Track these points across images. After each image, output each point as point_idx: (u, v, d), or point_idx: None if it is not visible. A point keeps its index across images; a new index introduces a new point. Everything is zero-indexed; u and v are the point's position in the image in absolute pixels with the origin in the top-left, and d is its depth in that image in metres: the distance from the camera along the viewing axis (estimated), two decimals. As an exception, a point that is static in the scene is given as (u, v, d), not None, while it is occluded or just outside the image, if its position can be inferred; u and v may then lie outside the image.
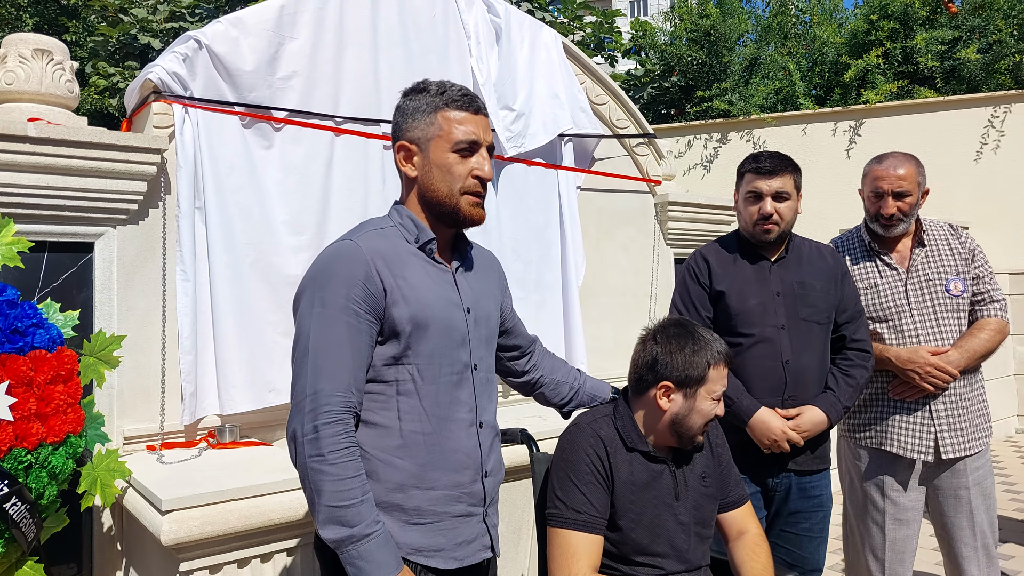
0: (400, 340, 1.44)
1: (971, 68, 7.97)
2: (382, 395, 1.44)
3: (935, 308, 2.38)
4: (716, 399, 1.76)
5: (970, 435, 2.34)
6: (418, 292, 1.46)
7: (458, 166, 1.49)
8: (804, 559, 2.23)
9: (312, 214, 3.03)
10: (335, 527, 1.32)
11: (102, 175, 2.51)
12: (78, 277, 2.54)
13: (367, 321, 1.41)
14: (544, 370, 1.92)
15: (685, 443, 1.78)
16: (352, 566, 1.32)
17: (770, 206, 2.20)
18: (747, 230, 2.28)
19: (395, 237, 1.51)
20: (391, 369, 1.44)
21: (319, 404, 1.34)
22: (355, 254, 1.43)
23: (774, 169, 2.20)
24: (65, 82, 2.58)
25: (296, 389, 1.39)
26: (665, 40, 9.23)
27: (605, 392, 1.98)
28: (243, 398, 2.77)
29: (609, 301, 4.29)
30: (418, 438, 1.44)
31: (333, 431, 1.34)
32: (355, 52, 3.21)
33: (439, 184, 1.50)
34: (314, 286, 1.42)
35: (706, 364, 1.73)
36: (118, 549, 2.51)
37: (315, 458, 1.32)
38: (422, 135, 1.51)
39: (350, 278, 1.40)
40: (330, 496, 1.31)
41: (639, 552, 1.74)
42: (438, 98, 1.50)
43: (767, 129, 7.97)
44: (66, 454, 2.01)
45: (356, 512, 1.32)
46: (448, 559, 1.46)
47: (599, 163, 4.26)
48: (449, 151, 1.49)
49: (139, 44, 7.07)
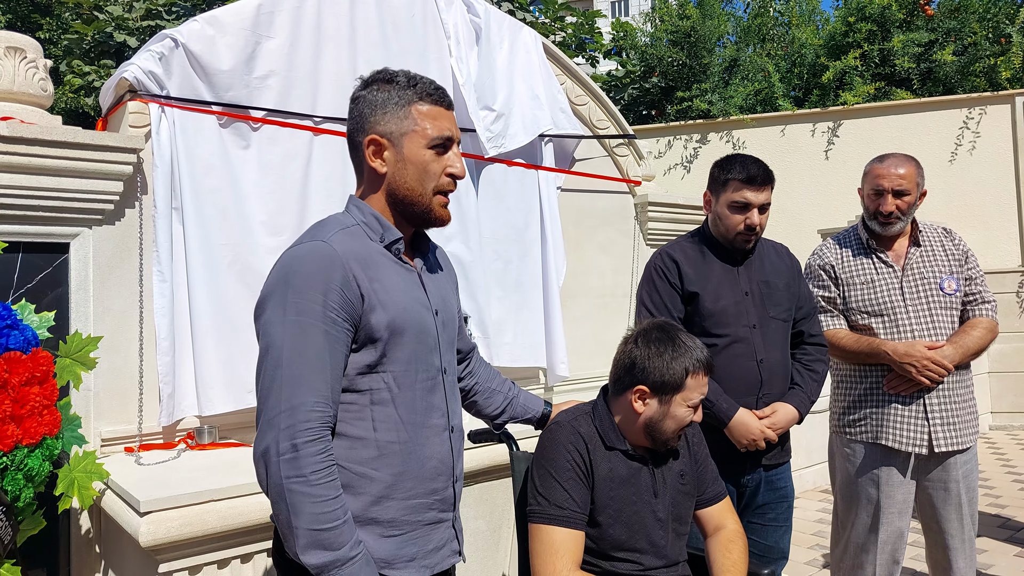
0: (376, 347, 1.36)
1: (947, 70, 8.10)
2: (355, 405, 1.36)
3: (929, 305, 2.44)
4: (692, 406, 1.76)
5: (961, 430, 2.39)
6: (394, 296, 1.38)
7: (433, 164, 1.42)
8: (771, 548, 2.28)
9: (290, 215, 3.02)
10: (319, 552, 1.23)
11: (77, 175, 2.49)
12: (53, 278, 2.52)
13: (344, 330, 1.32)
14: (479, 378, 1.85)
15: (658, 446, 1.79)
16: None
17: (757, 218, 2.22)
18: (727, 237, 2.29)
19: (361, 236, 1.41)
20: (365, 378, 1.36)
21: (298, 420, 1.24)
22: (331, 256, 1.32)
23: (764, 181, 2.21)
24: (38, 80, 2.55)
25: (268, 403, 1.27)
26: (646, 41, 9.29)
27: (538, 407, 1.93)
28: (221, 399, 2.76)
29: (589, 301, 4.31)
30: (394, 447, 1.38)
31: (314, 450, 1.24)
32: (333, 52, 3.21)
33: (413, 182, 1.42)
34: (285, 291, 1.30)
35: (684, 372, 1.73)
36: (96, 552, 2.49)
37: (295, 479, 1.23)
38: (395, 129, 1.41)
39: (326, 283, 1.30)
40: (311, 519, 1.23)
41: (618, 548, 1.75)
42: (411, 90, 1.42)
43: (746, 130, 8.04)
44: (42, 456, 1.99)
45: (339, 534, 1.25)
46: (420, 568, 1.41)
47: (579, 164, 4.28)
48: (425, 147, 1.41)
49: (115, 42, 7.00)
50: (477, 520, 2.72)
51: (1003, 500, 4.75)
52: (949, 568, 2.44)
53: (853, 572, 2.52)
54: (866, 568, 2.48)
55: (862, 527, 2.48)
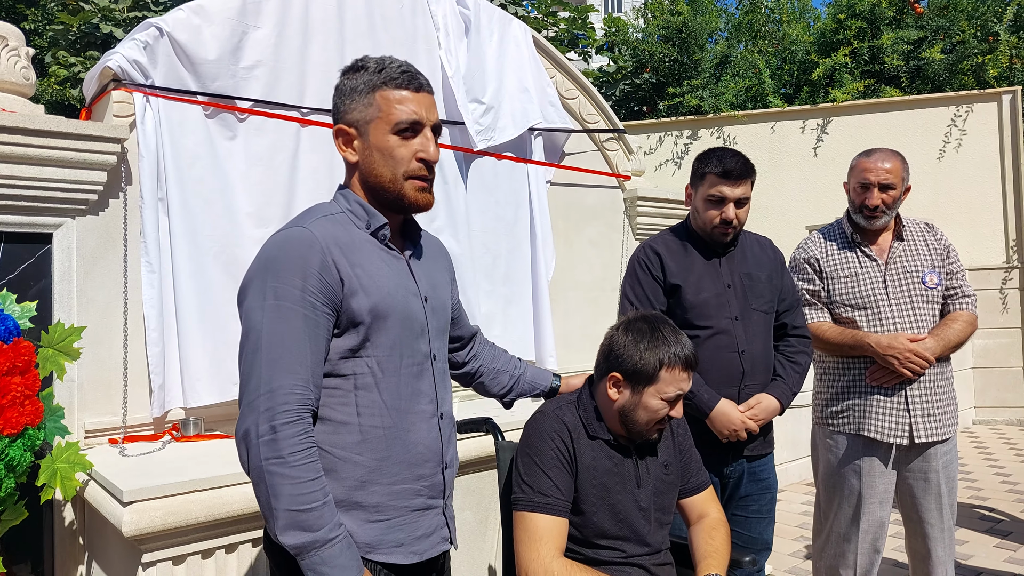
0: (359, 332, 1.37)
1: (935, 68, 8.14)
2: (339, 390, 1.37)
3: (912, 298, 2.47)
4: (667, 400, 1.73)
5: (942, 421, 2.43)
6: (377, 281, 1.38)
7: (400, 149, 1.40)
8: (754, 539, 2.30)
9: (277, 206, 3.01)
10: (296, 532, 1.25)
11: (60, 164, 2.46)
12: (36, 268, 2.49)
13: (324, 314, 1.33)
14: (484, 360, 1.88)
15: (634, 436, 1.79)
16: (314, 572, 1.25)
17: (732, 212, 2.23)
18: (704, 230, 2.31)
19: (346, 223, 1.42)
20: (348, 363, 1.37)
21: (276, 403, 1.26)
22: (309, 242, 1.33)
23: (741, 175, 2.22)
24: (20, 68, 2.53)
25: (248, 387, 1.29)
26: (637, 37, 9.29)
27: (546, 380, 1.95)
28: (207, 391, 2.75)
29: (578, 296, 4.31)
30: (378, 432, 1.38)
31: (293, 431, 1.26)
32: (321, 42, 3.19)
33: (381, 169, 1.41)
34: (265, 276, 1.32)
35: (657, 363, 1.72)
36: (80, 543, 2.48)
37: (274, 460, 1.24)
38: (360, 117, 1.42)
39: (305, 268, 1.31)
40: (290, 500, 1.24)
41: (601, 536, 1.76)
42: (376, 76, 1.41)
43: (737, 127, 8.06)
44: (24, 446, 1.98)
45: (318, 516, 1.26)
46: (408, 554, 1.41)
47: (569, 158, 4.28)
48: (389, 133, 1.40)
49: (101, 33, 6.94)
50: (464, 511, 2.73)
51: (984, 493, 4.80)
52: (928, 556, 2.47)
53: (835, 561, 2.54)
54: (847, 557, 2.51)
55: (844, 517, 2.50)
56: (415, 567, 1.45)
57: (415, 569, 1.46)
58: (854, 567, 2.50)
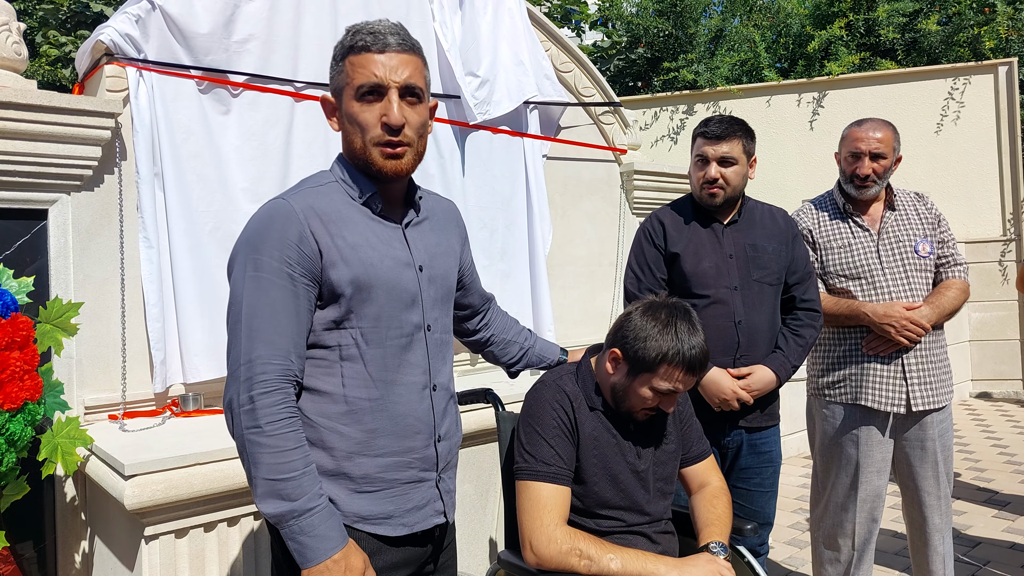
0: (341, 304, 1.36)
1: (931, 40, 8.08)
2: (324, 360, 1.37)
3: (905, 267, 2.47)
4: (658, 392, 1.70)
5: (938, 389, 2.44)
6: (359, 252, 1.36)
7: (364, 114, 1.36)
8: (756, 513, 2.29)
9: (271, 181, 2.99)
10: (274, 501, 1.25)
11: (53, 139, 2.44)
12: (32, 245, 2.48)
13: (303, 285, 1.33)
14: (495, 329, 1.89)
15: (622, 412, 1.78)
16: (294, 541, 1.25)
17: (715, 171, 2.23)
18: (696, 194, 2.32)
19: (335, 193, 1.41)
20: (332, 334, 1.37)
21: (255, 372, 1.26)
22: (287, 213, 1.33)
23: (721, 134, 2.23)
24: (12, 44, 2.49)
25: (231, 357, 1.30)
26: (631, 11, 9.19)
27: (554, 354, 1.97)
28: (206, 366, 2.75)
29: (575, 270, 4.31)
30: (364, 404, 1.37)
31: (271, 400, 1.26)
32: (314, 16, 3.15)
33: (353, 137, 1.39)
34: (247, 248, 1.33)
35: (658, 356, 1.67)
36: (82, 518, 2.49)
37: (252, 430, 1.25)
38: (336, 85, 1.41)
39: (283, 239, 1.31)
40: (268, 469, 1.24)
41: (602, 506, 1.77)
42: (346, 40, 1.38)
43: (733, 101, 8.01)
44: (24, 421, 1.98)
45: (297, 485, 1.25)
46: (397, 526, 1.40)
47: (565, 132, 4.26)
48: (353, 99, 1.36)
49: (92, 12, 6.86)
50: (464, 484, 2.74)
51: (982, 464, 4.84)
52: (925, 524, 2.49)
53: (833, 531, 2.56)
54: (845, 527, 2.53)
55: (842, 487, 2.52)
56: (408, 539, 1.44)
57: (408, 541, 1.44)
58: (852, 536, 2.52)
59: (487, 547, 2.86)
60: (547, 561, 1.63)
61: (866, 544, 2.53)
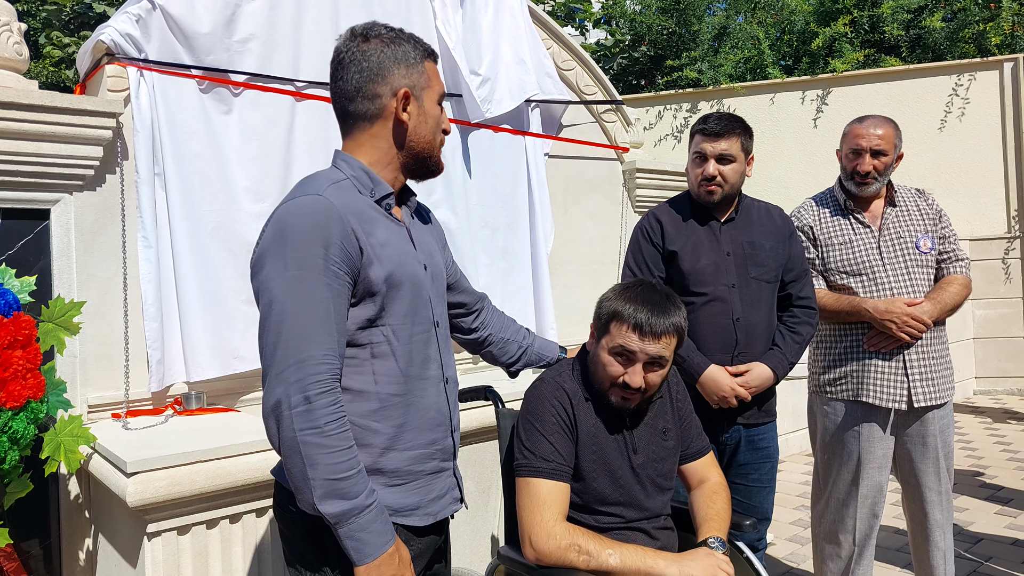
0: (375, 301, 1.37)
1: (936, 36, 8.05)
2: (356, 359, 1.38)
3: (906, 263, 2.47)
4: (615, 354, 1.72)
5: (939, 385, 2.44)
6: (388, 250, 1.39)
7: (442, 116, 1.53)
8: (754, 508, 2.30)
9: (273, 180, 3.00)
10: (336, 501, 1.25)
11: (55, 140, 2.45)
12: (35, 244, 2.49)
13: (346, 283, 1.32)
14: (493, 328, 1.90)
15: (602, 398, 1.79)
16: (352, 539, 1.27)
17: (713, 168, 2.23)
18: (693, 191, 2.33)
19: (352, 191, 1.40)
20: (365, 332, 1.38)
21: (308, 373, 1.25)
22: (327, 210, 1.31)
23: (720, 131, 2.23)
24: (13, 44, 2.51)
25: (275, 358, 1.27)
26: (635, 9, 9.18)
27: (553, 352, 1.98)
28: (209, 365, 2.76)
29: (577, 269, 4.31)
30: (394, 399, 1.40)
31: (327, 401, 1.26)
32: (315, 15, 3.16)
33: (425, 132, 1.49)
34: (283, 245, 1.29)
35: (611, 314, 1.74)
36: (86, 516, 2.51)
37: (310, 431, 1.24)
38: (416, 84, 1.47)
39: (326, 237, 1.29)
40: (327, 469, 1.24)
41: (601, 502, 1.78)
42: (421, 48, 1.50)
43: (737, 99, 8.00)
44: (27, 419, 1.99)
45: (354, 483, 1.27)
46: (424, 516, 1.45)
47: (567, 130, 4.26)
48: (436, 103, 1.52)
49: (95, 13, 6.88)
50: (465, 481, 2.75)
51: (985, 461, 4.83)
52: (926, 520, 2.49)
53: (834, 527, 2.56)
54: (846, 522, 2.53)
55: (843, 483, 2.52)
56: (425, 528, 1.48)
57: (430, 530, 1.49)
58: (853, 532, 2.52)
59: (488, 543, 2.87)
60: (546, 557, 1.64)
61: (867, 540, 2.53)
